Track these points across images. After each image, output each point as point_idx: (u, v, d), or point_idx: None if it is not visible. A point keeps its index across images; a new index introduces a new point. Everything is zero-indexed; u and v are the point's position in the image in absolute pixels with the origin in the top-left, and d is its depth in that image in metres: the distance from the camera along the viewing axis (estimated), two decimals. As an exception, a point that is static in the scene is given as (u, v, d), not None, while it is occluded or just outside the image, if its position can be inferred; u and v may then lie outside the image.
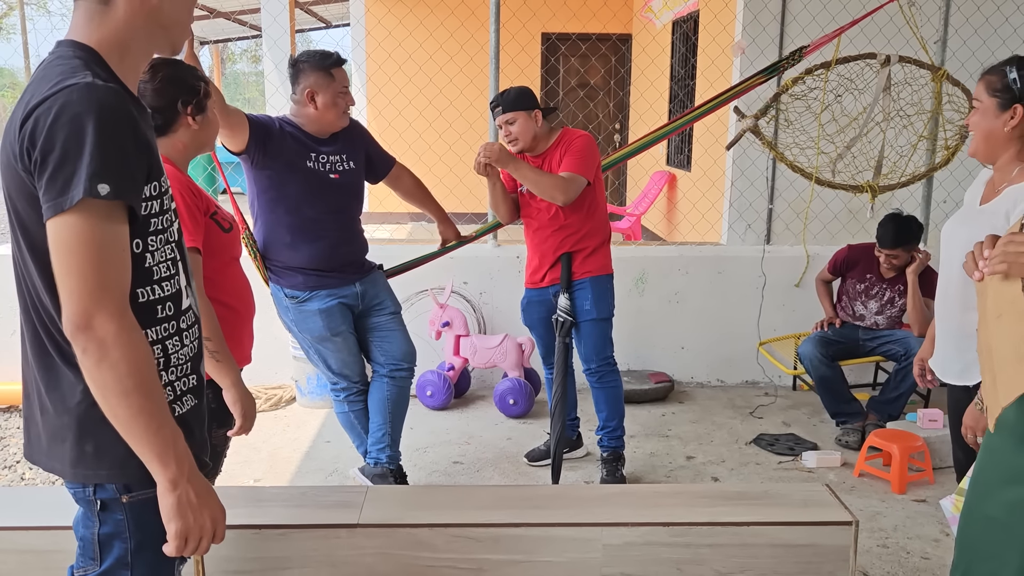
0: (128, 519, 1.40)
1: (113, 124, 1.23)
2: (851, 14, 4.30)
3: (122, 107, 1.26)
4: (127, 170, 1.25)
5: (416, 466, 3.77)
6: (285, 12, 4.74)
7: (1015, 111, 2.07)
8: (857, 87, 4.06)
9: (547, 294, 3.56)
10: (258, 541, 1.89)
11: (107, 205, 1.23)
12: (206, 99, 2.18)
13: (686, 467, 3.84)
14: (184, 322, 1.45)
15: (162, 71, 2.12)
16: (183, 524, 1.32)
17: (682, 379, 4.89)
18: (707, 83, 6.09)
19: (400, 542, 1.87)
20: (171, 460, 1.30)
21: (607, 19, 7.09)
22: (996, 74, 2.10)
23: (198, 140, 2.21)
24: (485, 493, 2.29)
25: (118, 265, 1.26)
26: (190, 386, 1.47)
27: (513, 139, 3.41)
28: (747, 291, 4.83)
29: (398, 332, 3.32)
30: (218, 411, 2.22)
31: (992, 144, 2.13)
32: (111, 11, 1.33)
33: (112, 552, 1.41)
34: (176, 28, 1.41)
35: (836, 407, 4.14)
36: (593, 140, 3.49)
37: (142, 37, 1.36)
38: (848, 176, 4.20)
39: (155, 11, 1.35)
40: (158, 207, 1.37)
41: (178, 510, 1.31)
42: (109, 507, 1.40)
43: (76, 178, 1.20)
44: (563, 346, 3.47)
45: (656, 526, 1.86)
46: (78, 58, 1.29)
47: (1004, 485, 1.54)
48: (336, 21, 11.30)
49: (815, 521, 1.88)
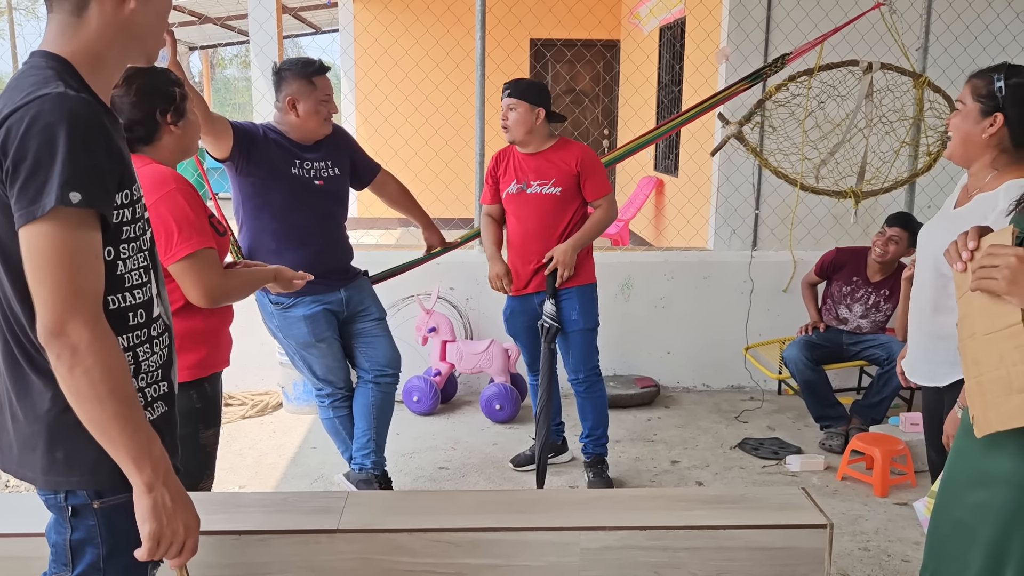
0: (100, 524, 1.41)
1: (84, 133, 1.25)
2: (834, 21, 4.33)
3: (94, 117, 1.27)
4: (98, 179, 1.27)
5: (402, 472, 3.77)
6: (272, 19, 4.74)
7: (995, 119, 2.07)
8: (840, 94, 4.09)
9: (531, 302, 3.56)
10: (238, 547, 1.89)
11: (79, 213, 1.24)
12: (183, 103, 2.19)
13: (671, 471, 3.85)
14: (154, 330, 1.46)
15: (136, 82, 2.12)
16: (157, 526, 1.33)
17: (668, 384, 4.91)
18: (692, 89, 6.13)
19: (379, 547, 1.88)
20: (147, 464, 1.31)
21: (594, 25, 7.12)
22: (983, 79, 2.10)
23: (182, 144, 2.23)
24: (466, 498, 2.30)
25: (91, 272, 1.27)
26: (160, 393, 1.48)
27: (507, 126, 3.43)
28: (733, 296, 4.86)
29: (383, 338, 3.33)
30: (204, 411, 2.26)
31: (969, 148, 2.13)
32: (84, 23, 1.34)
33: (84, 558, 1.42)
34: (150, 39, 1.42)
35: (820, 411, 4.16)
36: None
37: (116, 48, 1.37)
38: (832, 182, 4.23)
39: (128, 23, 1.36)
40: (130, 215, 1.38)
41: (153, 512, 1.32)
42: (81, 513, 1.40)
43: (48, 186, 1.21)
44: (548, 352, 3.47)
45: (634, 530, 1.87)
46: (51, 68, 1.30)
47: (971, 488, 1.56)
48: (325, 27, 11.31)
49: (790, 524, 1.90)
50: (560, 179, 3.41)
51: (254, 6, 4.76)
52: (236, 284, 2.19)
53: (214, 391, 2.32)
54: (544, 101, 3.43)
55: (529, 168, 3.46)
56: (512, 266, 3.57)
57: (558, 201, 3.43)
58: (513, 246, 3.58)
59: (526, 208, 3.47)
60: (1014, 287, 1.40)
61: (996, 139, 2.08)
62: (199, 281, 2.09)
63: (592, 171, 3.44)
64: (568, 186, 3.42)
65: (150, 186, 2.06)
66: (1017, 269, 1.39)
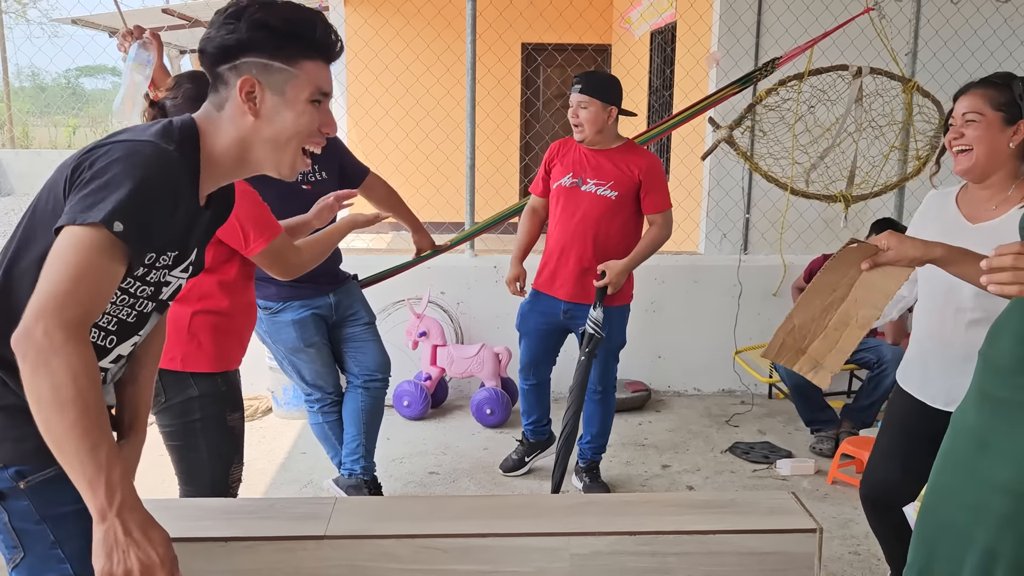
0: (34, 503, 1.37)
1: (159, 185, 1.30)
2: (823, 26, 4.35)
3: (174, 176, 1.34)
4: (146, 226, 1.30)
5: (392, 477, 3.76)
6: (262, 22, 4.73)
7: (1020, 127, 2.04)
8: (830, 98, 4.10)
9: (556, 307, 3.42)
10: (224, 553, 1.87)
11: (114, 241, 1.26)
12: None
13: (661, 476, 3.85)
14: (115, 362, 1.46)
15: (184, 87, 2.25)
16: (106, 565, 1.24)
17: (659, 388, 4.91)
18: (683, 94, 6.14)
19: (366, 554, 1.86)
20: (101, 488, 1.22)
21: (585, 29, 7.12)
22: (996, 89, 2.06)
23: None
24: (454, 503, 2.28)
25: (97, 294, 1.26)
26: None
27: (578, 124, 3.25)
28: (723, 300, 4.87)
29: (372, 343, 3.32)
30: (229, 394, 2.35)
31: (994, 159, 2.07)
32: (221, 119, 1.43)
33: (32, 536, 1.38)
34: (279, 153, 1.46)
35: (810, 415, 4.17)
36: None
37: (237, 149, 1.43)
38: (822, 186, 4.24)
39: (252, 131, 1.42)
40: (143, 273, 1.40)
41: (102, 547, 1.24)
42: (9, 495, 1.37)
43: (102, 206, 1.25)
44: (587, 362, 3.26)
45: (623, 535, 1.86)
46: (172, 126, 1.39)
47: (964, 491, 1.56)
48: (316, 31, 11.28)
49: (780, 529, 1.89)
50: (619, 183, 3.27)
51: (244, 9, 4.74)
52: (311, 254, 2.42)
53: (236, 379, 2.42)
54: (617, 98, 3.26)
55: (590, 164, 3.32)
56: (545, 260, 3.45)
57: (611, 205, 3.29)
58: (552, 241, 3.42)
59: (576, 205, 3.31)
60: None
61: (1018, 148, 2.05)
62: (278, 265, 2.35)
63: (655, 183, 3.30)
64: (625, 192, 3.27)
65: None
66: None
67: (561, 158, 3.40)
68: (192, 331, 2.29)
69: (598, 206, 3.29)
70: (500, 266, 4.72)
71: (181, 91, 2.27)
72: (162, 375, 2.24)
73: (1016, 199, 2.07)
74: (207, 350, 2.30)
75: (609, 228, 3.31)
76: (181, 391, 2.28)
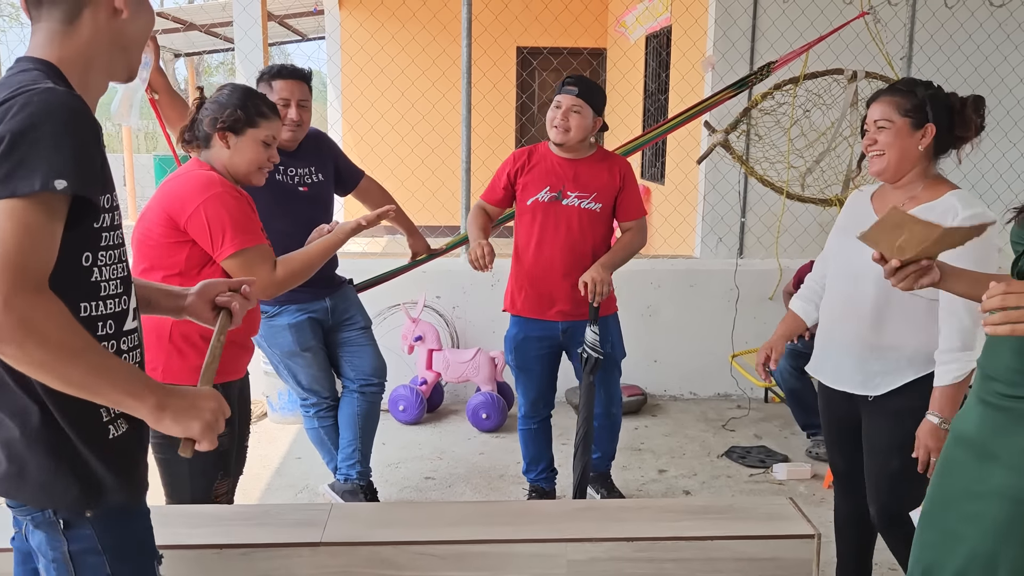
0: (97, 532, 1.37)
1: (78, 124, 1.24)
2: (819, 30, 4.35)
3: (86, 112, 1.26)
4: (89, 168, 1.24)
5: (388, 482, 3.74)
6: (257, 26, 4.71)
7: (927, 130, 2.15)
8: (825, 102, 4.11)
9: (554, 329, 3.21)
10: (220, 561, 1.86)
11: (56, 199, 1.21)
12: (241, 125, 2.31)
13: (658, 480, 3.84)
14: (124, 343, 1.41)
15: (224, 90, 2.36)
16: (198, 424, 1.34)
17: (655, 392, 4.90)
18: (679, 97, 6.14)
19: (363, 560, 1.85)
20: (143, 391, 1.29)
21: (580, 33, 7.13)
22: (901, 96, 2.18)
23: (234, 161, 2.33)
24: (451, 509, 2.28)
25: (45, 252, 1.22)
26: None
27: (566, 128, 3.07)
28: (719, 304, 4.86)
29: (368, 347, 3.31)
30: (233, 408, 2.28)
31: (904, 162, 2.19)
32: (76, 31, 1.33)
33: (88, 568, 1.38)
34: (134, 52, 1.42)
35: (806, 419, 4.16)
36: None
37: (103, 58, 1.37)
38: (817, 190, 4.25)
39: (119, 32, 1.36)
40: (109, 221, 1.35)
41: (182, 417, 1.32)
42: (73, 524, 1.37)
43: (36, 168, 1.19)
44: (589, 386, 3.10)
45: (620, 541, 1.86)
46: (39, 71, 1.29)
47: (965, 499, 1.56)
48: (311, 34, 11.28)
49: (778, 535, 1.89)
50: (602, 194, 3.12)
51: (239, 13, 4.74)
52: (293, 270, 2.34)
53: (229, 394, 2.35)
54: (603, 110, 3.17)
55: (567, 175, 3.13)
56: (525, 282, 3.22)
57: (595, 219, 3.13)
58: (532, 262, 3.18)
59: (559, 221, 3.12)
60: None
61: (927, 150, 2.17)
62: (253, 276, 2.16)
63: (632, 188, 3.17)
64: (608, 203, 3.14)
65: (198, 188, 2.19)
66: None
67: (530, 170, 3.17)
68: (173, 340, 2.23)
69: (584, 220, 3.12)
70: (496, 270, 4.69)
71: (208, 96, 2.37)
72: None
73: (924, 198, 2.18)
74: (190, 361, 2.23)
75: (594, 241, 3.16)
76: None
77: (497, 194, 3.26)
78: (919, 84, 2.20)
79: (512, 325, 3.31)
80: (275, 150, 2.39)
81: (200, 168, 2.29)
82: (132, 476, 1.42)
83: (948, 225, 2.05)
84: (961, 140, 2.19)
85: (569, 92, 3.07)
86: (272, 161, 2.37)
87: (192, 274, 2.21)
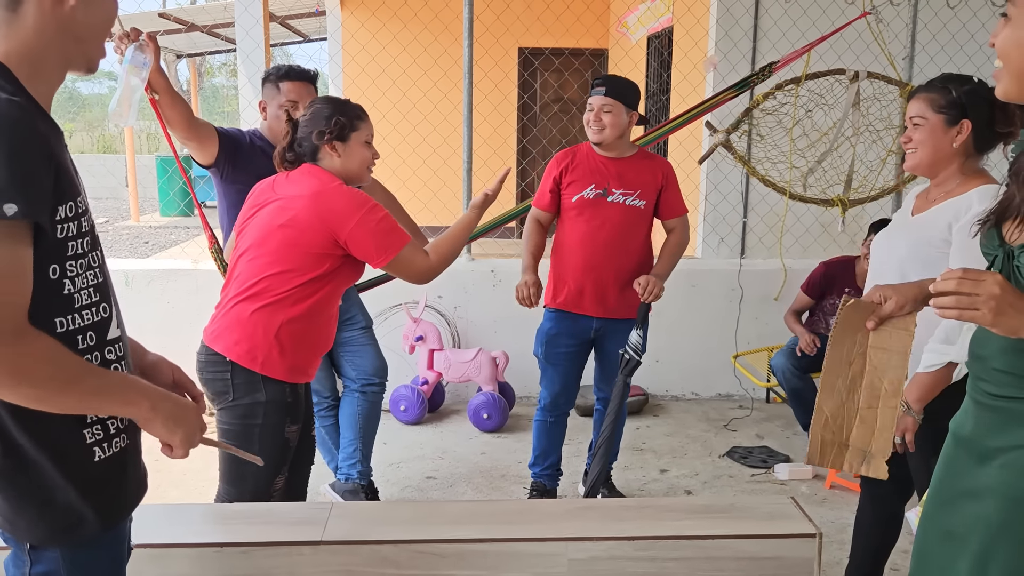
0: (63, 557, 1.32)
1: (17, 139, 1.15)
2: (820, 30, 4.35)
3: (27, 122, 1.17)
4: (35, 187, 1.16)
5: (389, 481, 3.74)
6: (259, 26, 4.72)
7: (962, 126, 2.13)
8: (827, 102, 4.10)
9: (588, 325, 3.28)
10: (220, 559, 1.86)
11: (11, 225, 1.13)
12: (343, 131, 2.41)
13: (659, 480, 3.84)
14: (110, 353, 1.35)
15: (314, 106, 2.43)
16: (178, 433, 1.36)
17: (657, 392, 4.90)
18: (680, 98, 6.13)
19: (364, 559, 1.85)
20: (138, 397, 1.31)
21: (582, 34, 7.13)
22: (936, 92, 2.16)
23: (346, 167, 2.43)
24: (452, 508, 2.27)
25: (15, 291, 1.16)
26: (124, 424, 1.38)
27: (601, 128, 3.14)
28: (721, 304, 4.86)
29: (369, 347, 3.30)
30: (294, 406, 2.35)
31: (939, 159, 2.18)
32: (20, 19, 1.24)
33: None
34: (92, 44, 1.34)
35: (808, 419, 4.14)
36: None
37: (55, 50, 1.28)
38: (819, 190, 4.24)
39: (68, 22, 1.27)
40: (75, 229, 1.27)
41: (169, 423, 1.34)
42: (40, 546, 1.32)
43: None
44: (624, 385, 3.16)
45: (621, 540, 1.85)
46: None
47: (962, 500, 1.55)
48: (312, 35, 11.29)
49: (780, 534, 1.88)
50: (645, 192, 3.20)
51: (241, 14, 4.74)
52: (442, 253, 2.47)
53: (302, 393, 2.42)
54: (637, 104, 3.21)
55: (611, 173, 3.21)
56: (565, 277, 3.27)
57: (639, 215, 3.21)
58: (574, 256, 3.24)
59: (604, 217, 3.19)
60: (1000, 318, 1.33)
61: (963, 146, 2.15)
62: (410, 271, 2.41)
63: (675, 186, 3.26)
64: (651, 200, 3.22)
65: (354, 205, 2.30)
66: (1001, 299, 1.33)
67: (574, 169, 3.25)
68: (280, 337, 2.28)
69: (627, 216, 3.19)
70: (497, 270, 4.71)
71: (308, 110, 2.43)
72: (235, 372, 2.26)
73: (957, 193, 2.17)
74: (288, 358, 2.30)
75: (637, 238, 3.25)
76: (249, 393, 2.28)
77: (546, 198, 3.33)
78: (954, 80, 2.17)
79: (546, 320, 3.35)
80: (374, 148, 2.50)
81: (331, 179, 2.36)
82: (115, 502, 1.38)
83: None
84: (1006, 135, 2.15)
85: (598, 92, 3.14)
86: (376, 158, 2.50)
87: (317, 280, 2.31)
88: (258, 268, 2.30)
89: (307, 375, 2.40)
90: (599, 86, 3.15)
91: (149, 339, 1.61)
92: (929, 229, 2.17)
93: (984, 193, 2.10)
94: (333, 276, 2.34)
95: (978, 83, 2.16)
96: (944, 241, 2.13)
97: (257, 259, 2.31)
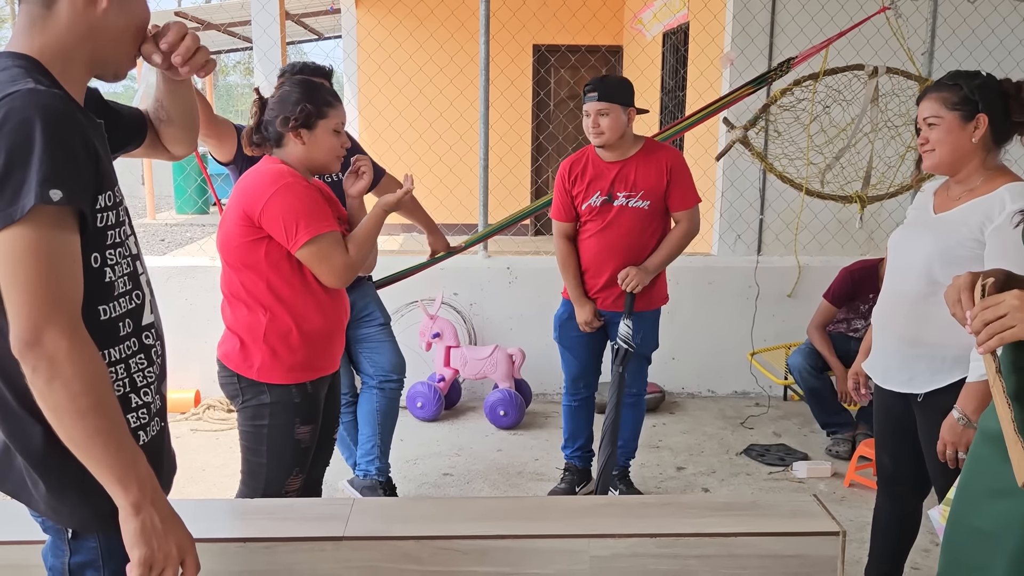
0: (102, 547, 1.34)
1: (60, 129, 1.18)
2: (839, 26, 4.32)
3: (69, 112, 1.21)
4: (78, 175, 1.20)
5: (406, 478, 3.75)
6: (275, 24, 4.73)
7: (979, 121, 2.11)
8: (845, 98, 4.08)
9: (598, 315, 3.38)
10: (243, 554, 1.87)
11: (59, 212, 1.17)
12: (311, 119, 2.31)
13: (676, 478, 3.83)
14: (146, 338, 1.38)
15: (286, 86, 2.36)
16: (147, 551, 1.24)
17: (673, 390, 4.89)
18: (697, 94, 6.11)
19: (386, 555, 1.85)
20: (132, 483, 1.23)
21: (597, 30, 7.11)
22: (947, 91, 2.15)
23: (310, 155, 2.33)
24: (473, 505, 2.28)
25: (70, 277, 1.19)
26: (158, 408, 1.40)
27: (599, 132, 3.16)
28: (738, 301, 4.84)
29: (387, 343, 3.31)
30: (302, 406, 2.32)
31: (959, 157, 2.16)
32: (54, 16, 1.28)
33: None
34: (123, 47, 1.36)
35: (826, 417, 4.14)
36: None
37: (85, 49, 1.31)
38: (837, 187, 4.21)
39: (99, 24, 1.30)
40: (114, 219, 1.31)
41: (142, 536, 1.24)
42: (81, 535, 1.34)
43: (26, 186, 1.14)
44: (619, 376, 3.27)
45: (643, 537, 1.85)
46: (18, 67, 1.25)
47: (992, 497, 1.54)
48: (328, 33, 11.31)
49: (803, 532, 1.87)
50: (648, 192, 3.21)
51: (258, 12, 4.76)
52: (358, 250, 2.31)
53: (316, 391, 2.37)
54: (632, 98, 3.20)
55: (613, 176, 3.24)
56: (583, 277, 3.38)
57: (645, 216, 3.24)
58: (585, 257, 3.34)
59: (608, 220, 3.25)
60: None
61: (983, 141, 2.14)
62: (324, 263, 2.24)
63: (681, 178, 3.24)
64: (657, 199, 3.23)
65: (268, 182, 2.21)
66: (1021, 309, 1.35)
67: (580, 178, 3.29)
68: (268, 340, 2.27)
69: (631, 219, 3.23)
70: (513, 267, 4.70)
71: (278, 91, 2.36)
72: (240, 377, 2.28)
73: (982, 191, 2.14)
74: (282, 360, 2.28)
75: (642, 237, 3.27)
76: (255, 395, 2.30)
77: (563, 209, 3.38)
78: (964, 76, 2.16)
79: (561, 306, 3.48)
80: (345, 136, 2.41)
81: (271, 163, 2.31)
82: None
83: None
84: (1023, 125, 2.14)
85: (591, 99, 3.17)
86: (344, 147, 2.39)
87: (273, 271, 2.25)
88: (226, 272, 2.30)
89: (315, 371, 2.34)
90: (591, 92, 3.16)
91: (168, 336, 1.62)
92: (959, 228, 2.14)
93: (1015, 190, 2.08)
94: (282, 263, 2.24)
95: (987, 76, 2.15)
96: (976, 241, 2.10)
97: (224, 263, 2.31)
